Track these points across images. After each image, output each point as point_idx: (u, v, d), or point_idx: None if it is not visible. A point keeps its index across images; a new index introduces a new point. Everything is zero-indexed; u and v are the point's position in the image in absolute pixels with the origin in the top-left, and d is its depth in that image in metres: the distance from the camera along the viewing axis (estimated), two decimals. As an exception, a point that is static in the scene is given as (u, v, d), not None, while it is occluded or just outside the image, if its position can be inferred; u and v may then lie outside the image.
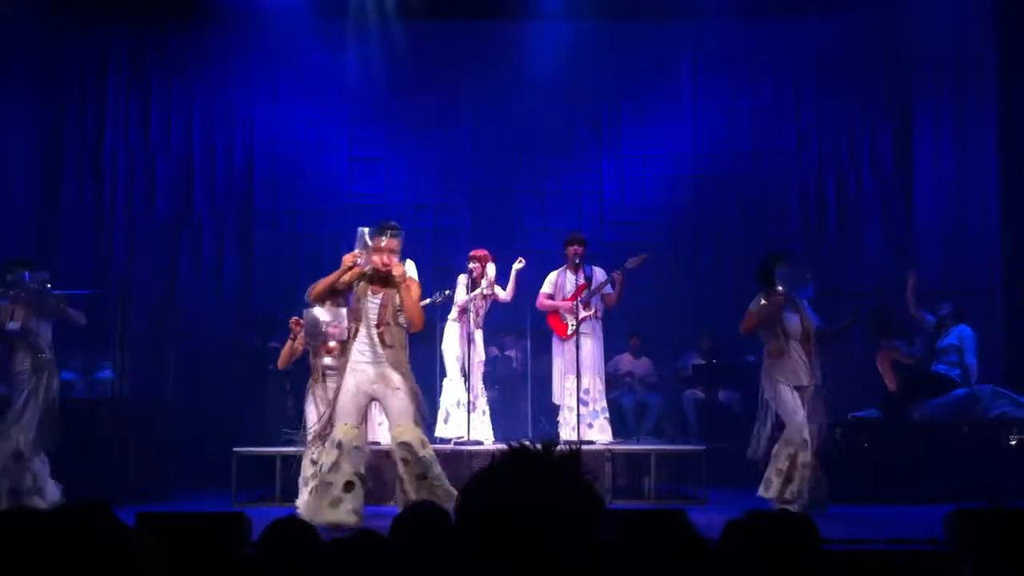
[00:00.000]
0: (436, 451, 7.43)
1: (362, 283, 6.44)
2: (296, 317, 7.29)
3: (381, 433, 8.65)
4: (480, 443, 8.46)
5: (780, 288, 7.10)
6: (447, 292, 8.91)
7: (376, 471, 7.20)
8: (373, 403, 6.65)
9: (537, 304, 9.12)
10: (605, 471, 7.92)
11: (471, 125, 11.06)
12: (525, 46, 10.70)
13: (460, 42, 10.89)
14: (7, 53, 9.98)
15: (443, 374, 8.97)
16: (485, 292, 8.83)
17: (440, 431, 8.69)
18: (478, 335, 8.87)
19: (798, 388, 7.03)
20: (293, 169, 10.99)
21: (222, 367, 10.10)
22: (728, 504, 6.98)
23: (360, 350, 6.41)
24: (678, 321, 10.71)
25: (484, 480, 1.37)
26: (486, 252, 8.90)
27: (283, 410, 9.43)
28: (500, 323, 9.66)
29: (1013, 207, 10.10)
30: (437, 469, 6.34)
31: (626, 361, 10.41)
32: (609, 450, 8.25)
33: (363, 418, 6.55)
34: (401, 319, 6.44)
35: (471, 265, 8.86)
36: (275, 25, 10.50)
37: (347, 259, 6.46)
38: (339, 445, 6.27)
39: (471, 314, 8.82)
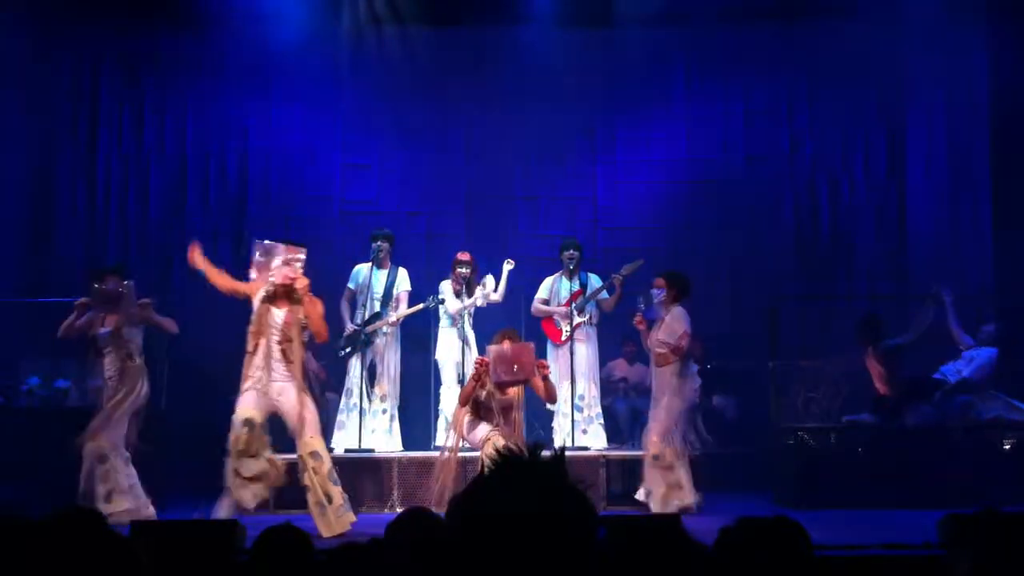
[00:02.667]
0: (435, 458, 7.46)
1: (265, 298, 6.48)
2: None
3: (374, 441, 8.66)
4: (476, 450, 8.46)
5: None
6: (441, 297, 8.91)
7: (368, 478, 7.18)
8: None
9: (532, 310, 9.13)
10: (599, 477, 7.92)
11: (464, 131, 11.06)
12: (518, 52, 10.71)
13: (453, 48, 10.90)
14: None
15: (438, 382, 8.97)
16: (481, 302, 8.82)
17: (440, 440, 8.70)
18: (471, 336, 8.89)
19: None
20: (286, 175, 10.99)
21: (215, 374, 10.07)
22: (722, 510, 6.98)
23: (259, 365, 6.49)
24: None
25: (476, 487, 1.37)
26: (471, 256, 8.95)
27: (276, 417, 9.41)
28: (494, 329, 9.64)
29: (1005, 213, 10.14)
30: (335, 475, 6.63)
31: (620, 367, 10.41)
32: (603, 456, 8.25)
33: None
34: (303, 334, 6.53)
35: (460, 270, 8.86)
36: (268, 32, 10.49)
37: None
38: (245, 423, 6.38)
39: (466, 318, 8.82)
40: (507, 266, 8.95)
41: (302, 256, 6.52)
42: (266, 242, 6.56)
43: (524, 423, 7.04)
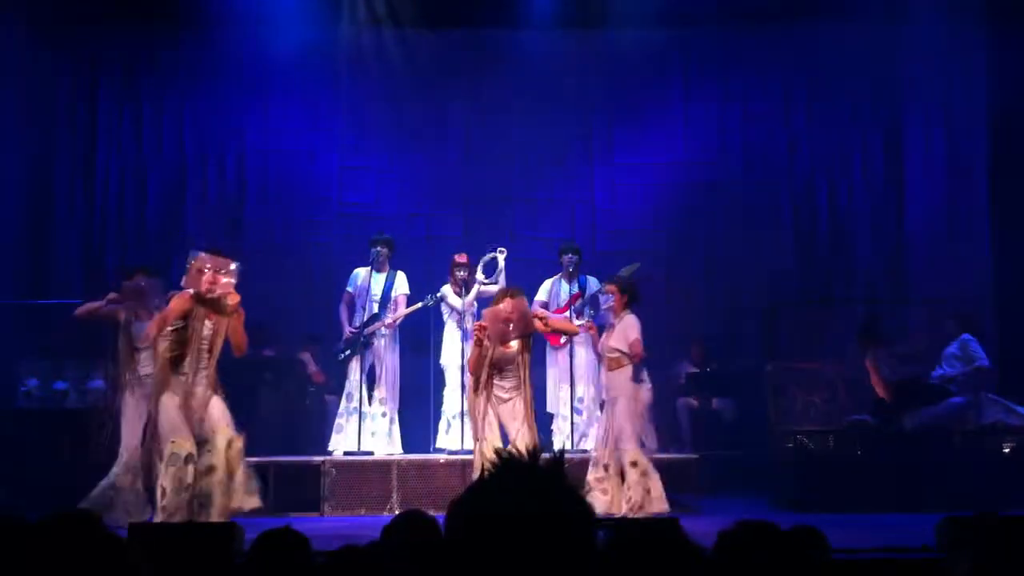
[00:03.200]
0: (435, 461, 7.46)
1: (199, 308, 6.50)
2: None
3: (373, 443, 8.66)
4: (470, 451, 8.44)
5: None
6: (439, 295, 8.92)
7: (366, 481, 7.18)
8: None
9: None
10: (598, 480, 7.90)
11: (463, 134, 11.06)
12: (517, 55, 10.72)
13: (452, 51, 10.91)
14: (-2, 65, 9.99)
15: (440, 385, 8.97)
16: (478, 287, 8.83)
17: (441, 441, 8.71)
18: None
19: None
20: (285, 178, 10.98)
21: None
22: (721, 512, 6.98)
23: (184, 372, 6.54)
24: (670, 329, 10.71)
25: (474, 490, 1.37)
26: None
27: (276, 418, 9.42)
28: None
29: (1003, 215, 10.14)
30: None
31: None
32: (602, 459, 8.24)
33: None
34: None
35: (459, 273, 8.87)
36: (267, 34, 10.49)
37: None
38: (188, 458, 6.34)
39: (469, 318, 8.83)
40: (500, 255, 8.96)
41: (233, 268, 6.60)
42: (200, 253, 6.63)
43: (532, 386, 7.08)
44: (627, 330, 7.37)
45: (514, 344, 6.91)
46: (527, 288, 9.21)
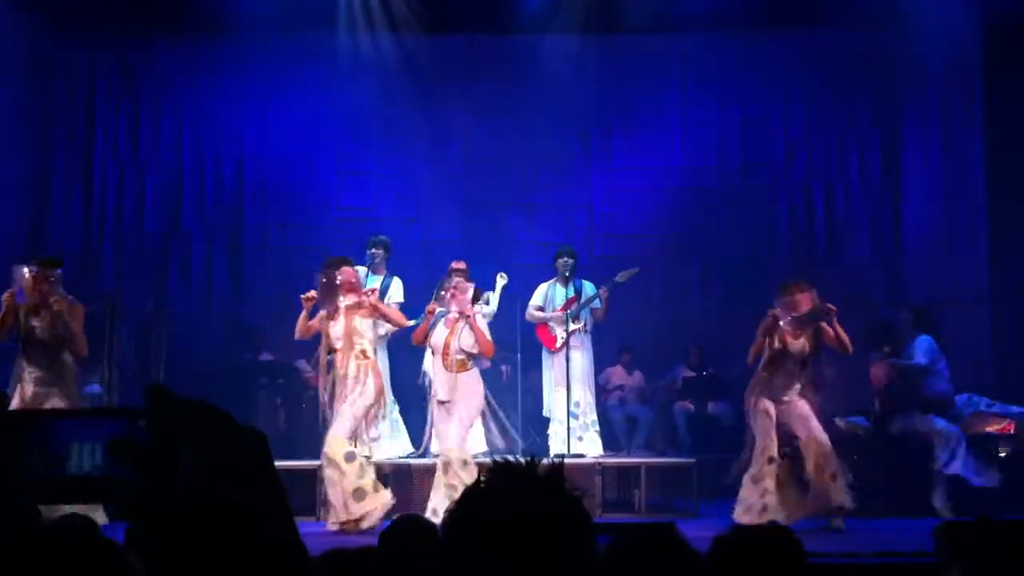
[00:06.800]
0: (425, 465, 7.44)
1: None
2: None
3: (374, 448, 8.63)
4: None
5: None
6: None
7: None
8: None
9: (526, 316, 9.13)
10: (595, 484, 7.91)
11: (461, 138, 11.07)
12: (515, 59, 10.74)
13: (450, 56, 10.92)
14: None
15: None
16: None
17: (435, 447, 8.67)
18: None
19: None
20: (283, 182, 10.98)
21: (211, 381, 10.04)
22: (718, 517, 6.98)
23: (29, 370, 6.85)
24: (668, 333, 10.72)
25: (471, 495, 1.37)
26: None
27: (274, 423, 9.41)
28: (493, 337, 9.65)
29: (1000, 218, 10.16)
30: None
31: (617, 374, 10.41)
32: (599, 463, 8.25)
33: None
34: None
35: (456, 279, 8.84)
36: (264, 38, 10.50)
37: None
38: None
39: None
40: (500, 280, 8.94)
41: (26, 272, 6.83)
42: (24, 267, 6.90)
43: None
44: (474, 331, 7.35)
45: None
46: (523, 293, 9.22)
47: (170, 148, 10.99)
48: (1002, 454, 8.16)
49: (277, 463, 1.16)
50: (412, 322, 7.88)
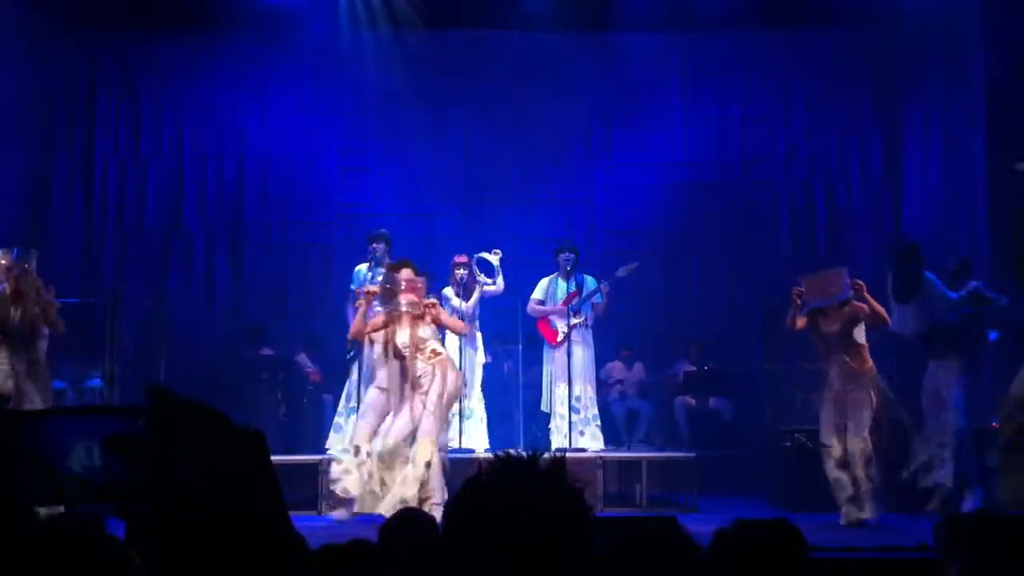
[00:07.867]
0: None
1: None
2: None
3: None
4: (472, 451, 8.45)
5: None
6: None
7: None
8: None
9: (528, 310, 9.14)
10: (596, 479, 7.92)
11: (462, 134, 11.07)
12: (516, 55, 10.73)
13: (451, 52, 10.91)
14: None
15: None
16: (478, 294, 8.80)
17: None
18: (479, 337, 8.89)
19: None
20: (284, 179, 10.99)
21: (212, 377, 10.06)
22: (719, 511, 6.98)
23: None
24: (669, 328, 10.73)
25: (471, 489, 1.37)
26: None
27: (275, 418, 9.41)
28: (491, 331, 9.67)
29: (1001, 215, 10.14)
30: None
31: (618, 369, 10.42)
32: (600, 458, 8.25)
33: None
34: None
35: (458, 272, 8.85)
36: (265, 35, 10.50)
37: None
38: None
39: (475, 322, 8.81)
40: (494, 258, 8.94)
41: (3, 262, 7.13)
42: None
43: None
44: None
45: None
46: (527, 287, 9.23)
47: (171, 145, 11.00)
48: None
49: (278, 458, 1.16)
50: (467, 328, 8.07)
